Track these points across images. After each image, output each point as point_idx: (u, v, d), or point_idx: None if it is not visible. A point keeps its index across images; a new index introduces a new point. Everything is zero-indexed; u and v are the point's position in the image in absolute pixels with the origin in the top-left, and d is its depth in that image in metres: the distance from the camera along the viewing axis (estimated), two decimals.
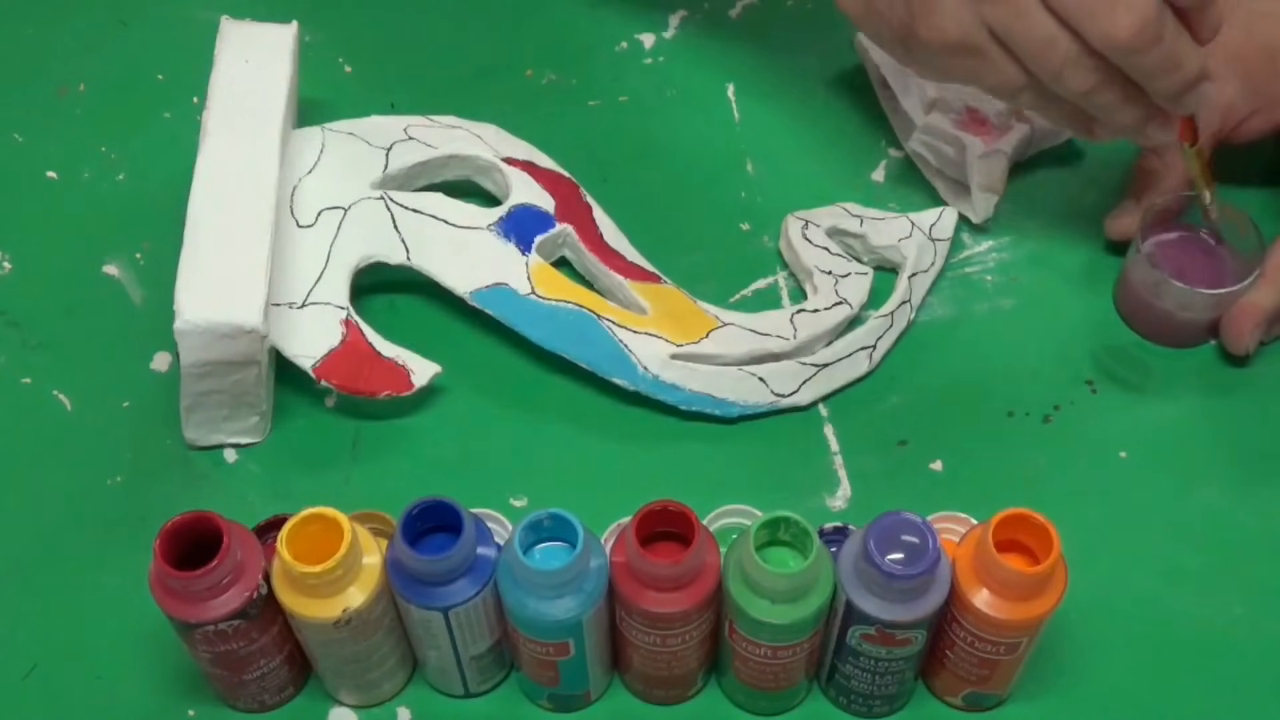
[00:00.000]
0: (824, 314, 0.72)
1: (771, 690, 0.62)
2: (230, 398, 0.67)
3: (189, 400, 0.67)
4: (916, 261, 0.74)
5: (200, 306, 0.63)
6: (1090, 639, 0.65)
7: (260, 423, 0.69)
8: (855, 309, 0.73)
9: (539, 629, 0.57)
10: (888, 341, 0.73)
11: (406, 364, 0.70)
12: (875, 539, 0.55)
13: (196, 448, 0.69)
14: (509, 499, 0.68)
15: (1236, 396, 0.72)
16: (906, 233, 0.74)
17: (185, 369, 0.65)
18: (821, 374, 0.71)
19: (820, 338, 0.72)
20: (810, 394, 0.71)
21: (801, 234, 0.75)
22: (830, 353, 0.72)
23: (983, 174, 0.76)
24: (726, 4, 0.87)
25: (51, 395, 0.72)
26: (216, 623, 0.57)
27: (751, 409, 0.70)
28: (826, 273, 0.74)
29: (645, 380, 0.70)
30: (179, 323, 0.63)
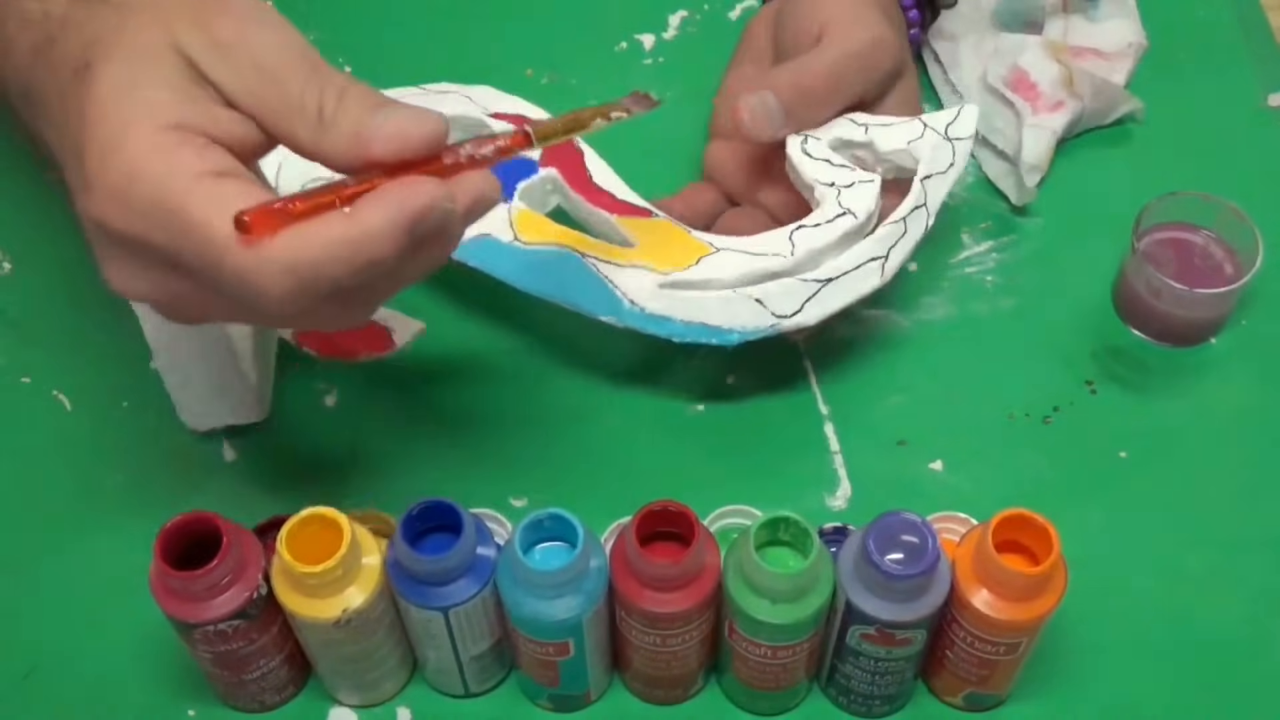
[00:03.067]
0: (825, 227, 0.66)
1: (771, 690, 0.62)
2: (215, 369, 0.64)
3: (172, 380, 0.64)
4: (931, 162, 0.68)
5: None
6: (1090, 639, 0.65)
7: (253, 399, 0.67)
8: (862, 218, 0.66)
9: (539, 629, 0.57)
10: (902, 251, 0.67)
11: (387, 323, 0.68)
12: (875, 539, 0.55)
13: (198, 433, 0.69)
14: (509, 499, 0.68)
15: (1236, 396, 0.72)
16: (918, 134, 0.68)
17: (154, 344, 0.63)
18: (826, 290, 0.66)
19: (823, 252, 0.66)
20: (815, 312, 0.66)
21: (801, 149, 0.69)
22: (835, 266, 0.66)
23: (1030, 146, 0.76)
24: (726, 4, 0.87)
25: (51, 395, 0.72)
26: (216, 623, 0.57)
27: (752, 333, 0.66)
28: (828, 185, 0.67)
29: (632, 314, 0.66)
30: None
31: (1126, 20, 0.83)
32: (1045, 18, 0.82)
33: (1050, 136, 0.77)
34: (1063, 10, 0.83)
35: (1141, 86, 0.83)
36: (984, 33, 0.82)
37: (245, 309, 0.51)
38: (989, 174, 0.79)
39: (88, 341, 0.73)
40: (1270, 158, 0.81)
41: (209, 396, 0.67)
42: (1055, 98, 0.78)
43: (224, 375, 0.66)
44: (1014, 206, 0.78)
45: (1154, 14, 0.84)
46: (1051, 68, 0.78)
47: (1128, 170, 0.80)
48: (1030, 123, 0.77)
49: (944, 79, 0.82)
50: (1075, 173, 0.80)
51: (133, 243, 0.50)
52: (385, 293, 0.53)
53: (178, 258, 0.49)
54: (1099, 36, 0.83)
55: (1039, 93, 0.77)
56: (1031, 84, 0.77)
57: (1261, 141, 0.81)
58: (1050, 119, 0.77)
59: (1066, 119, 0.78)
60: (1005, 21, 0.82)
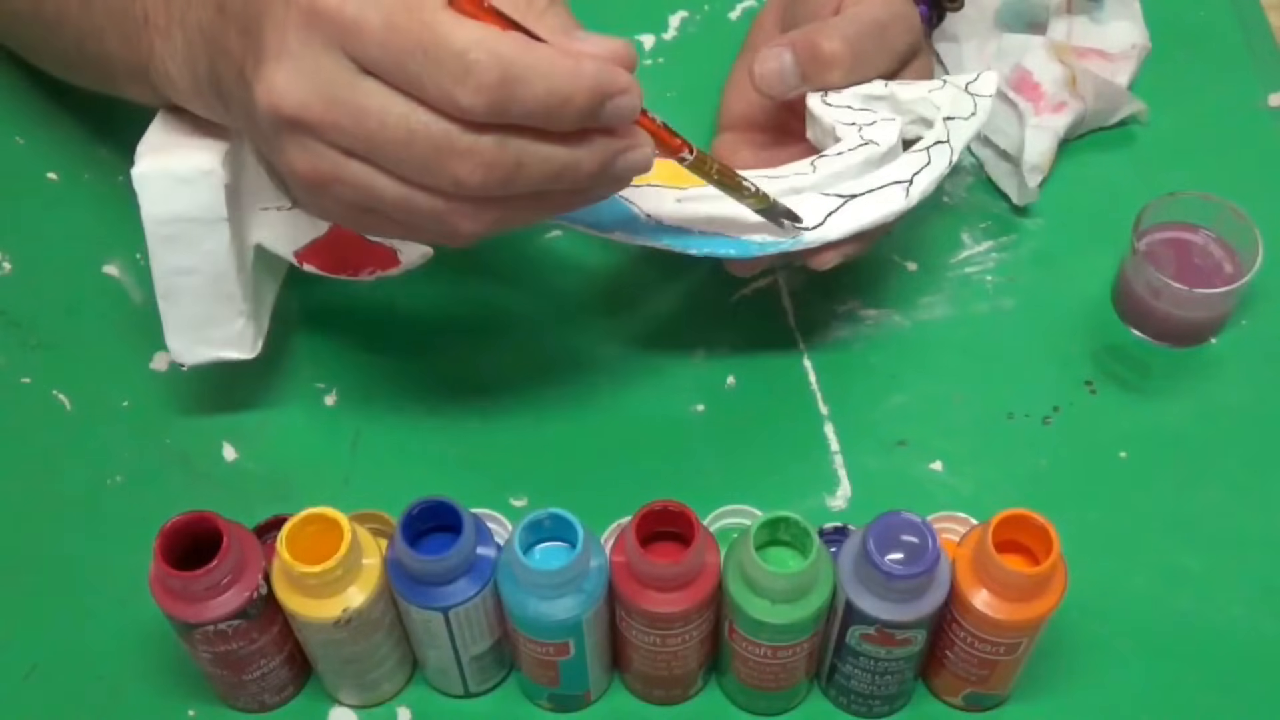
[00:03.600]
0: (847, 154, 0.65)
1: (771, 690, 0.62)
2: (206, 282, 0.63)
3: (163, 285, 0.63)
4: (953, 108, 0.67)
5: (159, 155, 0.61)
6: (1090, 639, 0.65)
7: (248, 328, 0.66)
8: (884, 148, 0.65)
9: (539, 629, 0.57)
10: (925, 180, 0.65)
11: (393, 244, 0.66)
12: (875, 539, 0.55)
13: (185, 364, 0.67)
14: (509, 499, 0.68)
15: (1236, 396, 0.72)
16: (939, 85, 0.68)
17: (149, 229, 0.61)
18: (850, 205, 0.64)
19: (844, 174, 0.65)
20: (838, 227, 0.64)
21: (821, 101, 0.67)
22: (859, 184, 0.64)
23: (1032, 146, 0.76)
24: (726, 5, 0.87)
25: (51, 395, 0.72)
26: (216, 623, 0.57)
27: (773, 246, 0.64)
28: (849, 124, 0.66)
29: (648, 229, 0.64)
30: (136, 169, 0.60)
31: (1130, 22, 0.83)
32: (1049, 18, 0.82)
33: (1052, 137, 0.77)
34: (1067, 11, 0.83)
35: (1142, 86, 0.83)
36: (987, 33, 0.82)
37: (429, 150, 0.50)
38: (990, 174, 0.79)
39: (88, 341, 0.73)
40: (1270, 158, 0.81)
41: (203, 322, 0.65)
42: (1058, 98, 0.78)
43: (220, 290, 0.64)
44: (1015, 206, 0.78)
45: (1154, 14, 0.84)
46: (1055, 68, 0.78)
47: (1128, 170, 0.80)
48: (1032, 123, 0.77)
49: None
50: (1076, 173, 0.80)
51: (348, 34, 0.49)
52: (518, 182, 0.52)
53: (387, 45, 0.49)
54: (1103, 38, 0.82)
55: (1042, 93, 0.77)
56: (1034, 84, 0.77)
57: (1261, 141, 0.81)
58: (1053, 120, 0.77)
59: (1069, 120, 0.78)
60: (1008, 22, 0.82)
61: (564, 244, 0.76)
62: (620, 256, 0.76)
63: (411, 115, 0.50)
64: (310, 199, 0.55)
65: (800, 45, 0.68)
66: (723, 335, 0.74)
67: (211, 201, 0.61)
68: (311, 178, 0.53)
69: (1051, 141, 0.77)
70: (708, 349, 0.73)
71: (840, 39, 0.67)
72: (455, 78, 0.49)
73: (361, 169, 0.52)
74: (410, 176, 0.52)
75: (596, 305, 0.75)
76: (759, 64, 0.68)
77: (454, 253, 0.68)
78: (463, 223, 0.54)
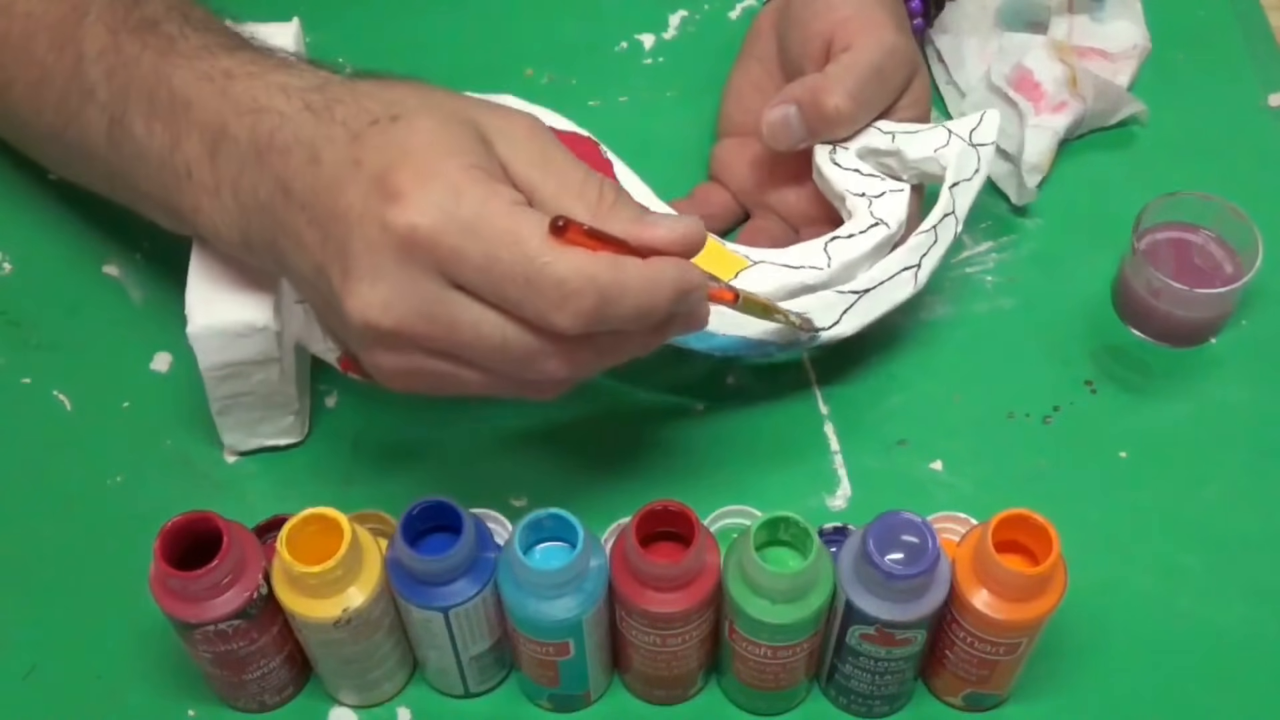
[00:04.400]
0: (859, 238, 0.68)
1: (771, 690, 0.62)
2: (260, 399, 0.66)
3: (218, 405, 0.66)
4: (958, 170, 0.69)
5: (210, 309, 0.63)
6: (1090, 639, 0.65)
7: (296, 422, 0.68)
8: (894, 228, 0.68)
9: (539, 629, 0.57)
10: (933, 259, 0.68)
11: None
12: (875, 539, 0.55)
13: (237, 453, 0.69)
14: (509, 499, 0.68)
15: (1236, 396, 0.72)
16: (944, 141, 0.69)
17: (206, 373, 0.64)
18: (863, 300, 0.67)
19: (858, 263, 0.68)
20: (853, 323, 0.67)
21: (830, 159, 0.70)
22: (870, 277, 0.67)
23: (1032, 146, 0.76)
24: (726, 5, 0.87)
25: (51, 395, 0.72)
26: (216, 623, 0.57)
27: (793, 350, 0.67)
28: (859, 195, 0.69)
29: None
30: (191, 328, 0.62)
31: (1131, 22, 0.83)
32: (1049, 17, 0.82)
33: (1052, 137, 0.77)
34: (1068, 10, 0.83)
35: (1141, 86, 0.83)
36: (988, 32, 0.82)
37: (520, 355, 0.54)
38: (990, 174, 0.79)
39: (88, 341, 0.73)
40: (1270, 158, 0.81)
41: (256, 422, 0.68)
42: (1059, 98, 0.77)
43: (272, 401, 0.67)
44: (1014, 206, 0.78)
45: (1154, 14, 0.84)
46: (1056, 68, 0.78)
47: (1128, 170, 0.80)
48: (1033, 123, 0.77)
49: (947, 79, 0.82)
50: (1075, 173, 0.80)
51: (445, 261, 0.52)
52: (614, 357, 0.57)
53: (488, 272, 0.52)
54: (1104, 38, 0.83)
55: (1043, 93, 0.77)
56: (1035, 84, 0.77)
57: (1261, 141, 0.81)
58: (1053, 119, 0.77)
59: (1069, 120, 0.78)
60: (1009, 21, 0.82)
61: None
62: None
63: (506, 328, 0.53)
64: (392, 384, 0.57)
65: (805, 102, 0.69)
66: None
67: (265, 348, 0.63)
68: (399, 373, 0.56)
69: (1051, 141, 0.77)
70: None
71: (843, 94, 0.68)
72: (555, 305, 0.52)
73: (450, 365, 0.55)
74: (500, 370, 0.55)
75: None
76: (766, 119, 0.70)
77: None
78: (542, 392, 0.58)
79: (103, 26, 0.62)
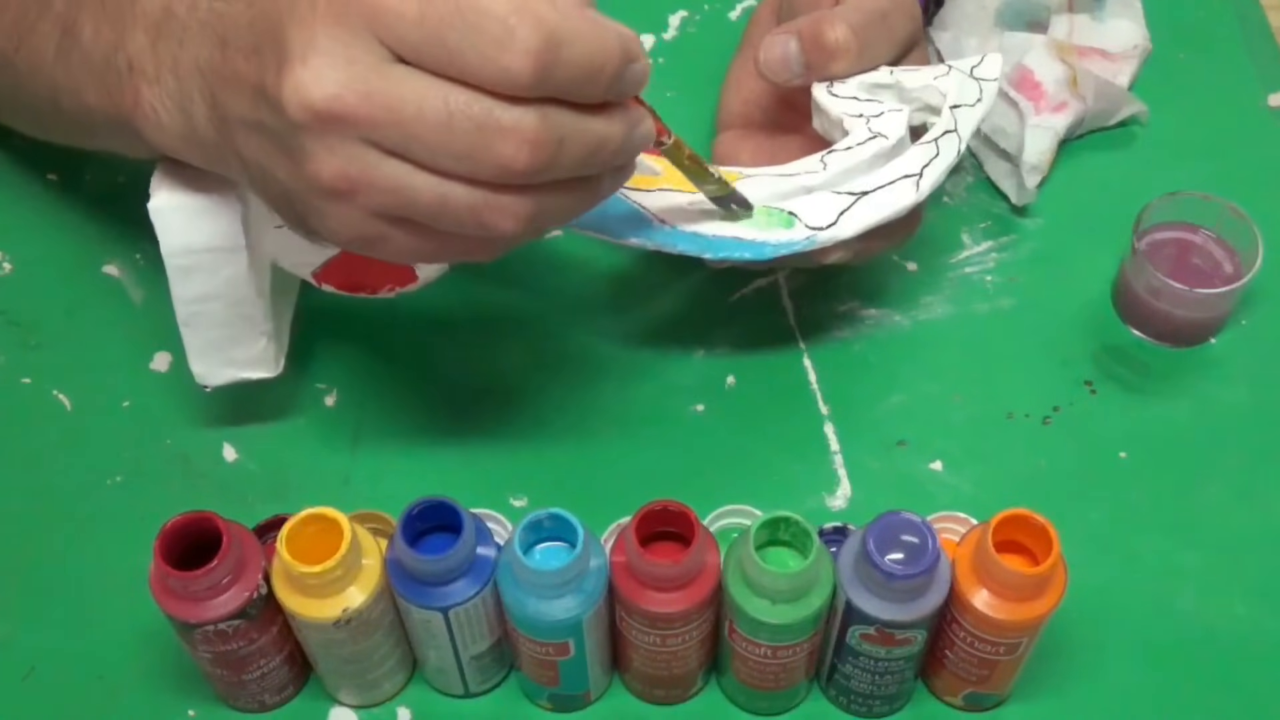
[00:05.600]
0: (856, 149, 0.65)
1: (771, 690, 0.62)
2: (227, 307, 0.63)
3: (184, 313, 0.63)
4: (959, 95, 0.67)
5: (174, 186, 0.60)
6: (1090, 639, 0.65)
7: (270, 347, 0.66)
8: (893, 141, 0.66)
9: (539, 629, 0.57)
10: (935, 172, 0.65)
11: None
12: (875, 539, 0.55)
13: (208, 385, 0.66)
14: (509, 499, 0.68)
15: (1236, 396, 0.72)
16: (944, 72, 0.68)
17: (169, 262, 0.61)
18: (862, 202, 0.64)
19: (855, 170, 0.65)
20: (851, 225, 0.64)
21: (827, 92, 0.68)
22: (870, 180, 0.65)
23: (1032, 146, 0.76)
24: (726, 5, 0.87)
25: (51, 395, 0.72)
26: (216, 623, 0.57)
27: (787, 247, 0.64)
28: (857, 116, 0.67)
29: (663, 233, 0.64)
30: (153, 203, 0.60)
31: (1132, 21, 0.83)
32: (1050, 17, 0.82)
33: (1052, 137, 0.77)
34: (1068, 9, 0.83)
35: (1142, 86, 0.83)
36: (988, 31, 0.82)
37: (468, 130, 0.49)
38: (990, 174, 0.79)
39: (88, 341, 0.73)
40: (1270, 158, 0.81)
41: (225, 344, 0.65)
42: (1059, 98, 0.77)
43: (241, 312, 0.64)
44: (1014, 206, 0.78)
45: (1155, 14, 0.84)
46: (1056, 67, 0.78)
47: (1128, 170, 0.80)
48: (1033, 123, 0.77)
49: None
50: (1075, 173, 0.80)
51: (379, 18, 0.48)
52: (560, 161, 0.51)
53: (424, 20, 0.48)
54: (1105, 37, 0.82)
55: (1043, 92, 0.77)
56: (1036, 83, 0.77)
57: (1261, 141, 0.81)
58: (1053, 119, 0.77)
59: (1069, 120, 0.78)
60: (1009, 21, 0.82)
61: (564, 244, 0.76)
62: (620, 257, 0.76)
63: (450, 96, 0.49)
64: (335, 211, 0.52)
65: (805, 33, 0.68)
66: (723, 335, 0.74)
67: (229, 230, 0.61)
68: (340, 184, 0.51)
69: (1051, 141, 0.77)
70: (708, 349, 0.73)
71: (845, 27, 0.67)
72: (499, 43, 0.48)
73: (395, 167, 0.51)
74: (450, 167, 0.50)
75: (597, 305, 0.75)
76: (764, 50, 0.68)
77: None
78: (502, 220, 0.52)
79: None
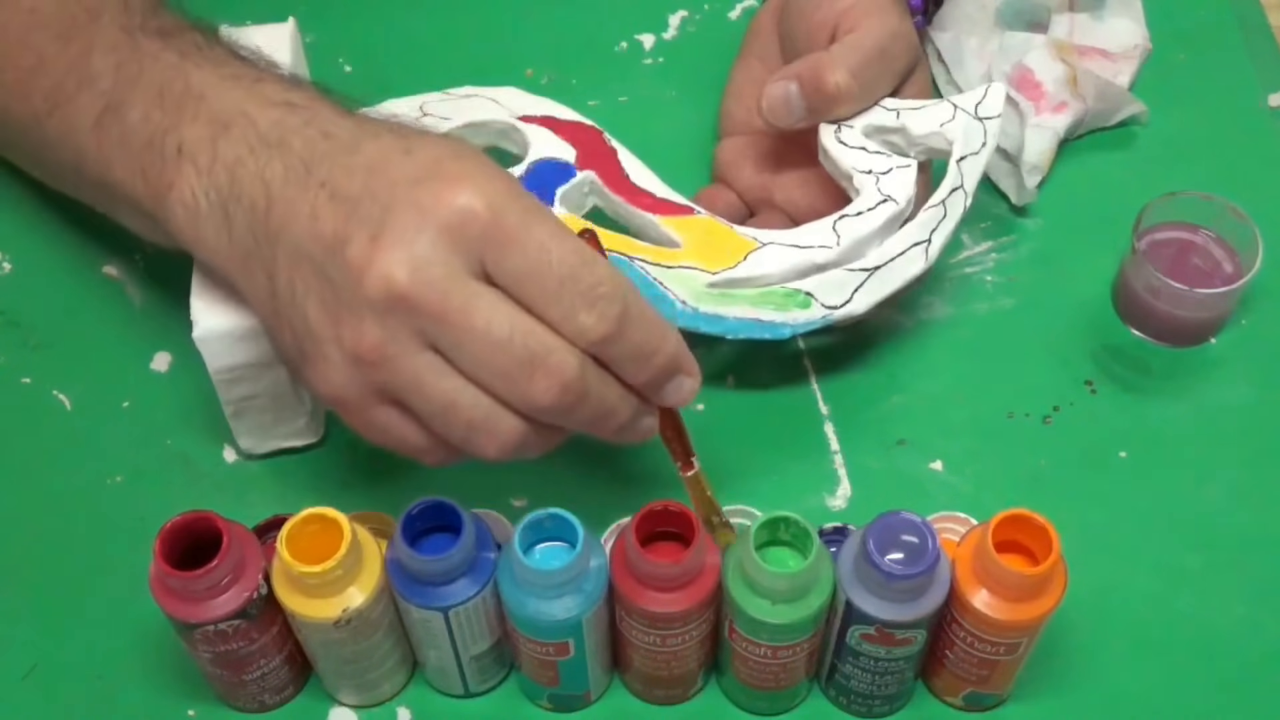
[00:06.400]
0: (868, 215, 0.68)
1: (771, 690, 0.62)
2: (271, 400, 0.66)
3: (231, 408, 0.66)
4: (965, 144, 0.69)
5: (215, 312, 0.62)
6: (1090, 639, 0.65)
7: (311, 423, 0.68)
8: (903, 204, 0.68)
9: (539, 629, 0.57)
10: (944, 234, 0.68)
11: None
12: (875, 539, 0.55)
13: (253, 456, 0.69)
14: (509, 499, 0.68)
15: (1236, 396, 0.72)
16: (950, 116, 0.69)
17: (215, 376, 0.64)
18: (874, 278, 0.67)
19: (867, 240, 0.67)
20: (864, 301, 0.67)
21: (835, 138, 0.70)
22: (880, 254, 0.67)
23: (1032, 146, 0.76)
24: (726, 4, 0.87)
25: (51, 395, 0.72)
26: (216, 623, 0.57)
27: (803, 327, 0.67)
28: (866, 172, 0.69)
29: (684, 315, 0.66)
30: (197, 332, 0.62)
31: (1132, 21, 0.83)
32: (1050, 17, 0.82)
33: (1053, 137, 0.77)
34: (1068, 9, 0.83)
35: (1142, 86, 0.83)
36: (988, 31, 0.82)
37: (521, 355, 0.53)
38: (990, 174, 0.79)
39: (88, 341, 0.73)
40: (1270, 158, 0.81)
41: (270, 425, 0.67)
42: (1059, 98, 0.77)
43: (283, 402, 0.66)
44: (1014, 206, 0.78)
45: (1155, 14, 0.84)
46: (1056, 67, 0.78)
47: (1127, 170, 0.80)
48: (1033, 123, 0.77)
49: (947, 78, 0.82)
50: (1075, 173, 0.80)
51: (495, 243, 0.52)
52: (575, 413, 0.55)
53: (536, 260, 0.53)
54: (1105, 37, 0.82)
55: (1043, 92, 0.77)
56: (1036, 83, 0.77)
57: (1261, 141, 0.81)
58: (1053, 119, 0.77)
59: (1069, 120, 0.78)
60: (1009, 21, 0.82)
61: None
62: None
63: (516, 320, 0.53)
64: (345, 372, 0.54)
65: (805, 79, 0.69)
66: None
67: (270, 349, 0.62)
68: (372, 354, 0.53)
69: (1051, 141, 0.77)
70: (707, 349, 0.73)
71: (845, 72, 0.68)
72: (588, 302, 0.53)
73: (430, 360, 0.53)
74: (484, 379, 0.53)
75: None
76: (765, 97, 0.70)
77: None
78: (489, 444, 0.55)
79: (117, 28, 0.62)
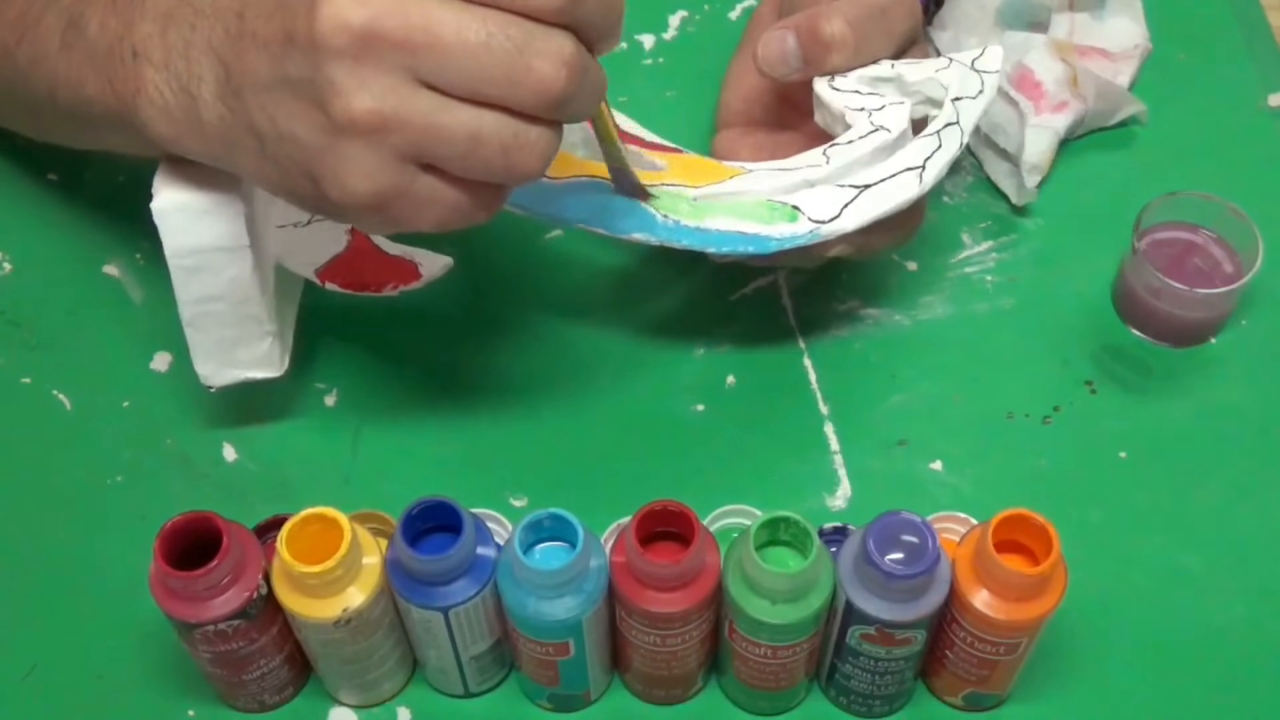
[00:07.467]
0: (859, 142, 0.65)
1: (771, 690, 0.62)
2: (231, 309, 0.63)
3: (189, 312, 0.63)
4: (961, 88, 0.66)
5: (177, 187, 0.60)
6: (1090, 639, 0.65)
7: (274, 348, 0.65)
8: (895, 134, 0.65)
9: (539, 629, 0.57)
10: (938, 164, 0.65)
11: (413, 257, 0.67)
12: (875, 539, 0.55)
13: (213, 386, 0.66)
14: (509, 499, 0.68)
15: (1236, 396, 0.72)
16: (945, 65, 0.67)
17: (173, 262, 0.61)
18: (865, 195, 0.64)
19: (858, 163, 0.65)
20: (855, 218, 0.64)
21: (829, 86, 0.67)
22: (873, 173, 0.65)
23: (1032, 146, 0.76)
24: (726, 5, 0.87)
25: (51, 395, 0.72)
26: (216, 623, 0.57)
27: (790, 240, 0.64)
28: (858, 109, 0.66)
29: (666, 228, 0.64)
30: (155, 203, 0.59)
31: (1132, 20, 0.83)
32: (1050, 16, 0.82)
33: (1053, 137, 0.77)
34: (1069, 8, 0.82)
35: (1142, 86, 0.83)
36: (988, 31, 0.82)
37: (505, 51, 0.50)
38: (990, 174, 0.79)
39: (88, 341, 0.73)
40: (1270, 158, 0.81)
41: (230, 345, 0.65)
42: (1059, 98, 0.77)
43: (245, 312, 0.64)
44: (1014, 206, 0.78)
45: (1155, 14, 0.84)
46: (1057, 67, 0.78)
47: (1127, 170, 0.80)
48: (1033, 122, 0.77)
49: None
50: (1075, 173, 0.80)
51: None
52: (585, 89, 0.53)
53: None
54: (1105, 36, 0.82)
55: (1043, 92, 0.77)
56: (1036, 83, 0.77)
57: (1261, 141, 0.81)
58: (1053, 119, 0.77)
59: (1069, 120, 0.78)
60: (1009, 20, 0.82)
61: (564, 244, 0.76)
62: (620, 256, 0.76)
63: (487, 18, 0.50)
64: (359, 158, 0.52)
65: (802, 28, 0.68)
66: (723, 334, 0.74)
67: (233, 230, 0.60)
68: (371, 119, 0.50)
69: (1051, 141, 0.77)
70: (708, 348, 0.73)
71: (842, 21, 0.67)
72: None
73: (429, 99, 0.51)
74: (488, 92, 0.51)
75: (596, 305, 0.75)
76: (762, 46, 0.68)
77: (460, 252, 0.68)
78: (529, 158, 0.52)
79: None
